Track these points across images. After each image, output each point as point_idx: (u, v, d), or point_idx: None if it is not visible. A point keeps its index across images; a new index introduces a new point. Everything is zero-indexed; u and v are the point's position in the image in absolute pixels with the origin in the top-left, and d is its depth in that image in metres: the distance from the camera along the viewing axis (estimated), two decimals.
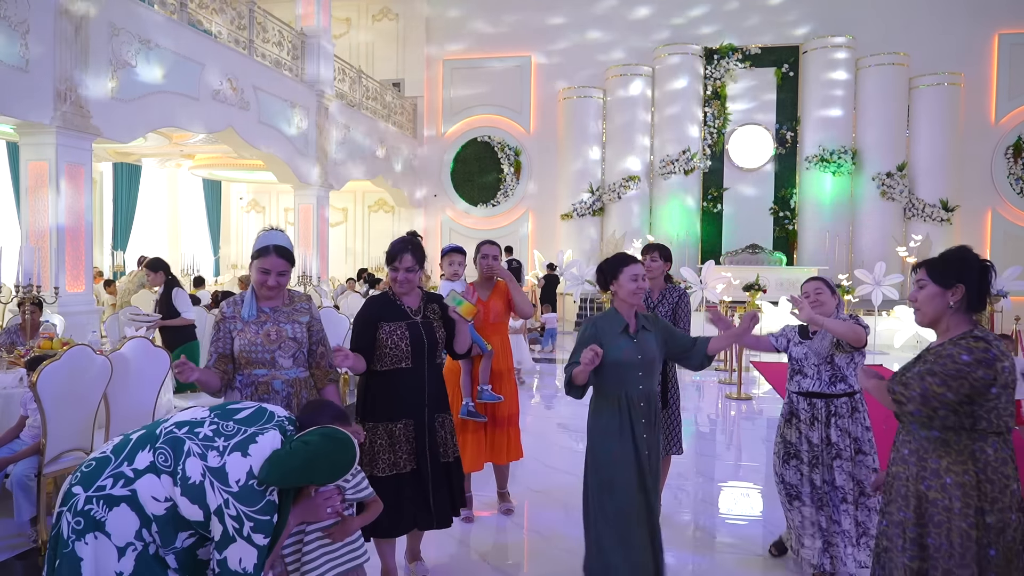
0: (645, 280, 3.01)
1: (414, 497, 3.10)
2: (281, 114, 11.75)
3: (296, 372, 2.83)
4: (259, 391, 2.76)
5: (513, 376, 4.28)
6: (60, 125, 7.32)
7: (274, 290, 2.80)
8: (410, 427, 3.12)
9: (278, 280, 2.79)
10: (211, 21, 10.08)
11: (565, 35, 17.27)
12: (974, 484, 2.08)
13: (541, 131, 17.68)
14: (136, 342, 4.04)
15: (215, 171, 16.02)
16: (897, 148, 15.67)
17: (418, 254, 3.17)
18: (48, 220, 7.44)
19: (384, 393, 3.12)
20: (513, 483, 4.83)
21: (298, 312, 2.88)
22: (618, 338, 2.91)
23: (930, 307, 2.23)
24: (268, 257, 2.77)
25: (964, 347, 2.08)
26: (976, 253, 2.21)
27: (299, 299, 2.94)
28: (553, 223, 17.45)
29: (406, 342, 3.09)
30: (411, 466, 3.11)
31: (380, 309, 3.16)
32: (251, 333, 2.77)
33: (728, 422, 7.39)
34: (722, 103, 16.56)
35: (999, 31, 15.77)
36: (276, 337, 2.78)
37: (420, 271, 3.17)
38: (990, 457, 2.09)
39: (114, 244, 14.92)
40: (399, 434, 3.10)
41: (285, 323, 2.82)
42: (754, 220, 16.55)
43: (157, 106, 8.84)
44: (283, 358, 2.79)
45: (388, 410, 3.11)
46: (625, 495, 2.87)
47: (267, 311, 2.83)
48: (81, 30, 7.53)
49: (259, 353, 2.76)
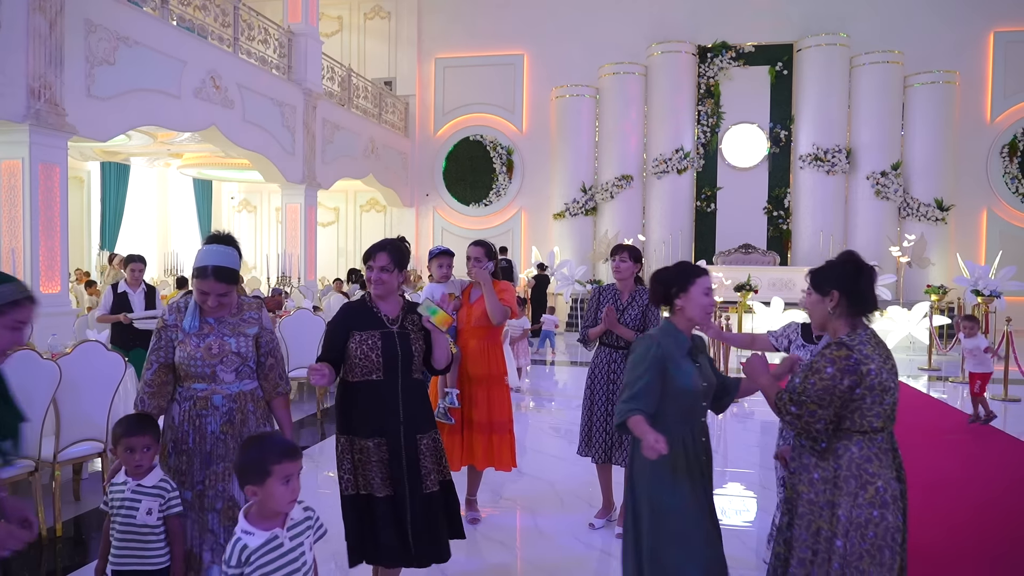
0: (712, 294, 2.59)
1: (389, 528, 2.83)
2: (267, 113, 11.63)
3: (239, 386, 2.65)
4: (197, 406, 2.59)
5: (504, 383, 4.12)
6: (34, 123, 7.20)
7: (215, 310, 2.62)
8: (383, 447, 2.84)
9: (219, 300, 2.59)
10: (194, 18, 9.96)
11: (558, 34, 17.13)
12: (831, 479, 2.20)
13: (534, 130, 17.56)
14: (88, 346, 3.92)
15: (204, 170, 15.91)
16: (892, 147, 15.53)
17: (395, 254, 2.90)
18: (21, 220, 7.32)
19: (355, 406, 2.89)
20: (483, 490, 4.71)
21: (245, 323, 2.69)
22: (684, 361, 2.45)
23: (815, 314, 2.31)
24: (206, 280, 2.54)
25: (828, 358, 2.16)
26: (857, 259, 2.26)
27: (248, 307, 2.74)
28: (546, 222, 17.33)
29: (377, 352, 2.83)
30: (386, 491, 2.84)
31: (354, 316, 2.91)
32: (191, 346, 2.59)
33: (715, 427, 7.26)
34: (715, 102, 16.43)
35: (995, 29, 15.63)
36: (218, 351, 2.60)
37: (398, 273, 2.91)
38: (853, 455, 2.18)
39: (102, 244, 14.80)
40: (371, 453, 2.84)
41: (230, 336, 2.63)
42: (748, 220, 16.42)
43: (136, 104, 8.72)
44: (225, 372, 2.61)
45: (361, 425, 2.86)
46: (701, 553, 2.41)
47: (211, 322, 2.64)
48: (55, 26, 7.40)
49: (199, 367, 2.58)
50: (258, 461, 1.98)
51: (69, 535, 4.03)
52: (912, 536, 3.96)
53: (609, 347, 4.06)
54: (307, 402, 7.67)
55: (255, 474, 1.97)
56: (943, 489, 4.86)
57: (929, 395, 8.60)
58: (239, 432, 2.62)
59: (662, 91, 16.19)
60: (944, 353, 11.16)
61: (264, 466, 1.96)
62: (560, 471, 5.32)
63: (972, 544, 3.96)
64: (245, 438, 2.26)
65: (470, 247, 4.11)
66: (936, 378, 9.75)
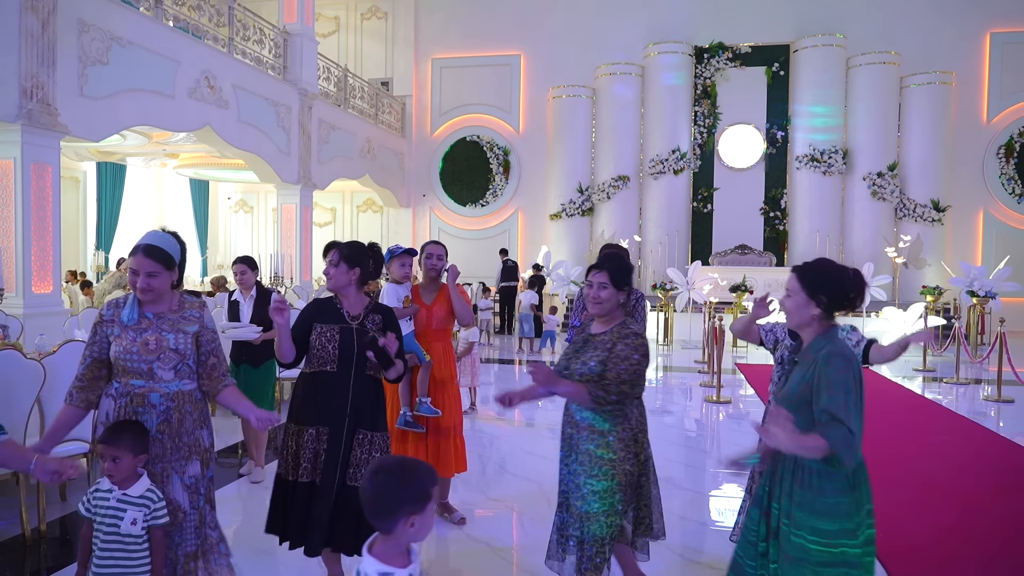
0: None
1: (313, 513, 2.96)
2: (262, 113, 11.62)
3: (178, 385, 2.61)
4: (134, 403, 2.55)
5: (455, 384, 4.10)
6: (26, 123, 7.19)
7: (146, 293, 2.59)
8: (323, 435, 3.00)
9: (147, 282, 2.55)
10: (188, 18, 9.95)
11: (554, 34, 17.13)
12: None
13: (530, 131, 17.55)
14: (73, 346, 3.91)
15: (201, 170, 15.90)
16: (888, 148, 15.53)
17: (346, 252, 3.10)
18: (13, 220, 7.32)
19: (307, 395, 3.05)
20: (469, 489, 4.71)
21: (186, 321, 2.66)
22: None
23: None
24: (136, 256, 2.57)
25: (632, 346, 2.73)
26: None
27: (190, 306, 2.72)
28: (542, 223, 17.33)
29: (334, 344, 3.02)
30: (315, 478, 2.98)
31: (318, 310, 3.12)
32: (127, 340, 2.55)
33: (707, 427, 7.25)
34: (712, 102, 16.43)
35: (991, 30, 15.63)
36: (155, 347, 2.55)
37: (347, 270, 3.08)
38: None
39: (97, 244, 14.79)
40: (308, 440, 3.00)
41: (168, 332, 2.59)
42: (744, 220, 16.42)
43: (129, 104, 8.71)
44: (162, 370, 2.57)
45: (308, 413, 3.02)
46: None
47: (150, 317, 2.61)
48: (48, 26, 7.39)
49: (135, 362, 2.54)
50: (419, 485, 1.71)
51: (55, 535, 4.02)
52: (904, 537, 3.97)
53: None
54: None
55: (416, 501, 1.69)
56: (936, 490, 4.86)
57: (923, 396, 8.59)
58: (176, 432, 2.59)
59: (659, 92, 16.19)
60: (939, 355, 11.16)
61: (425, 488, 1.72)
62: (549, 472, 5.30)
63: (964, 545, 3.95)
64: (377, 467, 1.77)
65: (429, 245, 4.09)
66: (931, 379, 9.74)
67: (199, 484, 2.64)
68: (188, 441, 2.62)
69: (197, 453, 2.65)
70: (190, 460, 2.62)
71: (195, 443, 2.65)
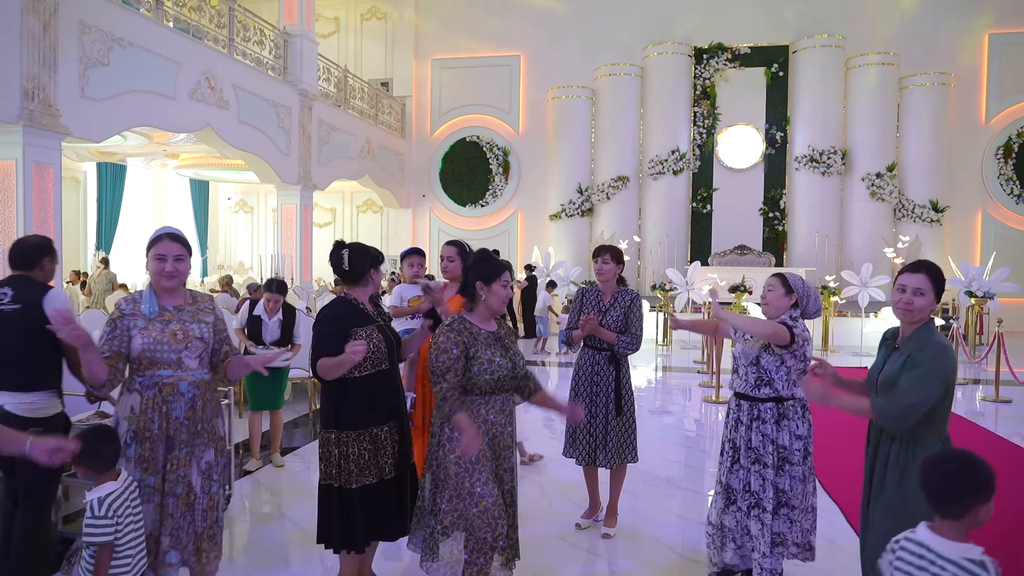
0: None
1: (393, 505, 3.09)
2: (262, 114, 11.65)
3: (201, 373, 2.74)
4: (163, 392, 2.63)
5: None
6: (27, 124, 7.21)
7: (173, 278, 2.68)
8: (394, 430, 3.13)
9: (175, 266, 2.67)
10: (189, 19, 9.97)
11: (554, 35, 17.16)
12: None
13: (530, 131, 17.58)
14: None
15: (201, 171, 15.91)
16: (887, 148, 15.56)
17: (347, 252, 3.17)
18: (14, 220, 7.34)
19: (367, 398, 3.05)
20: None
21: (203, 312, 2.80)
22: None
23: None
24: (162, 242, 2.68)
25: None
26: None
27: (202, 299, 2.86)
28: (542, 223, 17.35)
29: (384, 344, 3.09)
30: (394, 472, 3.10)
31: (351, 315, 3.06)
32: (156, 331, 2.64)
33: (706, 427, 7.27)
34: (711, 103, 16.45)
35: (989, 31, 15.66)
36: (183, 336, 2.67)
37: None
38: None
39: (97, 245, 14.81)
40: (384, 439, 3.08)
41: (191, 322, 2.72)
42: (744, 221, 16.45)
43: (130, 105, 8.73)
44: (190, 359, 2.68)
45: (372, 415, 3.06)
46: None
47: (171, 309, 2.71)
48: (49, 28, 7.42)
49: (165, 353, 2.64)
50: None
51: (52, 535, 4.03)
52: None
53: (592, 349, 4.06)
54: (299, 403, 7.68)
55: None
56: None
57: None
58: (199, 418, 2.71)
59: (658, 92, 16.21)
60: None
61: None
62: (548, 471, 5.34)
63: None
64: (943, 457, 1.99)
65: (443, 247, 4.12)
66: None
67: (212, 470, 2.75)
68: (207, 428, 2.74)
69: (212, 441, 2.76)
70: (207, 447, 2.74)
71: (211, 430, 2.77)
